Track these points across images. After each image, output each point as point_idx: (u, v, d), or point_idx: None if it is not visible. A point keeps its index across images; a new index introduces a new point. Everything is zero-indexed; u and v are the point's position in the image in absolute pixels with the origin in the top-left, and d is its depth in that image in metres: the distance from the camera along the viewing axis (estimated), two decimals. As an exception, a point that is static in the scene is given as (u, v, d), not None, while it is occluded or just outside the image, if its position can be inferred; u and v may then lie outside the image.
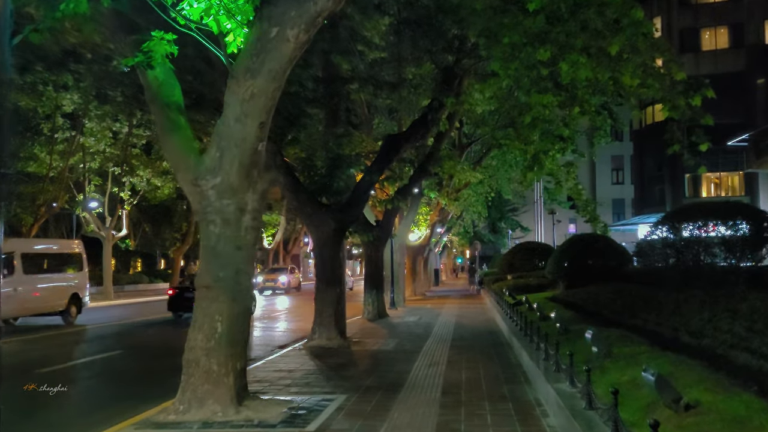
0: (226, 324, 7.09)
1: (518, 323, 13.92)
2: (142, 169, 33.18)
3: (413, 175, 19.98)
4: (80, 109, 28.95)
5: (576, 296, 16.45)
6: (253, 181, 7.06)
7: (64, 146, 29.74)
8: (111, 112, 28.93)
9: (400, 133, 15.13)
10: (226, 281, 7.10)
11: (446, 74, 13.91)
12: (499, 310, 20.14)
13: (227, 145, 6.86)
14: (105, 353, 13.10)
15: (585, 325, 11.66)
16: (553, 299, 18.60)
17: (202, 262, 7.30)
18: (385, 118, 23.07)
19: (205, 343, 7.05)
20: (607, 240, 21.96)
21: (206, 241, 7.18)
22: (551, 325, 12.36)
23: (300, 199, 13.44)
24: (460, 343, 13.56)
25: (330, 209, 13.59)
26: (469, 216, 41.69)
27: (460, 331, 16.02)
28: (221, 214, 7.03)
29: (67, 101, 28.08)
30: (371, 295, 20.14)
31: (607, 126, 31.87)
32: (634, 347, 8.45)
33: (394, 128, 21.82)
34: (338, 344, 13.25)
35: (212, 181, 6.97)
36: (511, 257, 32.85)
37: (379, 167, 14.02)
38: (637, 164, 54.49)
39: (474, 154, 34.00)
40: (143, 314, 23.14)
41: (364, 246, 20.78)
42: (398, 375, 9.57)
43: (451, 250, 78.13)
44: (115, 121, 30.95)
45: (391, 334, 15.45)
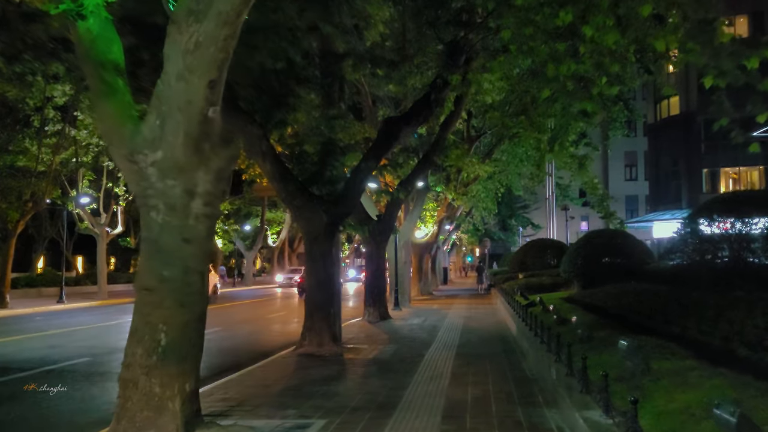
0: (171, 335, 5.67)
1: (532, 327, 12.45)
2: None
3: (417, 165, 18.52)
4: (72, 101, 27.71)
5: (595, 297, 14.93)
6: (204, 156, 5.63)
7: (57, 139, 28.48)
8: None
9: (399, 116, 13.66)
10: (172, 282, 5.68)
11: (451, 49, 12.43)
12: (511, 311, 18.65)
13: (169, 111, 5.43)
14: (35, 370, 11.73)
15: (611, 331, 10.18)
16: (569, 300, 17.09)
17: (142, 258, 5.88)
18: (391, 111, 21.64)
19: (145, 359, 5.64)
20: (627, 236, 20.41)
21: (147, 232, 5.76)
22: (571, 331, 10.88)
23: (288, 190, 12.03)
24: (467, 350, 12.10)
25: (322, 201, 12.18)
26: (479, 213, 40.16)
27: (468, 335, 14.56)
28: (165, 197, 5.61)
29: (58, 92, 26.88)
30: (372, 295, 18.71)
31: (622, 117, 30.35)
32: (678, 362, 6.97)
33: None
34: (330, 351, 11.84)
35: (152, 156, 5.55)
36: (522, 255, 31.34)
37: (376, 154, 12.57)
38: (651, 159, 52.80)
39: (483, 147, 32.52)
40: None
41: (365, 243, 19.35)
42: (392, 392, 8.12)
43: (461, 248, 76.63)
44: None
45: (392, 339, 14.01)
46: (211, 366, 11.10)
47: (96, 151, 30.07)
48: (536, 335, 11.40)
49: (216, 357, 12.39)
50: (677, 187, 47.73)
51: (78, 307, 26.47)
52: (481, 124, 30.09)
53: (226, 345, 14.20)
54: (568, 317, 12.97)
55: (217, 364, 11.21)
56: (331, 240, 12.33)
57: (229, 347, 13.85)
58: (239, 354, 12.76)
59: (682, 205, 45.98)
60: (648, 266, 19.06)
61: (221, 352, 13.06)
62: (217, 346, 13.89)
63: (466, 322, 17.79)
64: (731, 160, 44.84)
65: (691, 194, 45.51)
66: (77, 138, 28.90)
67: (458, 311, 22.12)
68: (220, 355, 12.54)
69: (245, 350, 13.31)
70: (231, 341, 14.94)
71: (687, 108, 45.64)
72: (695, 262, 12.79)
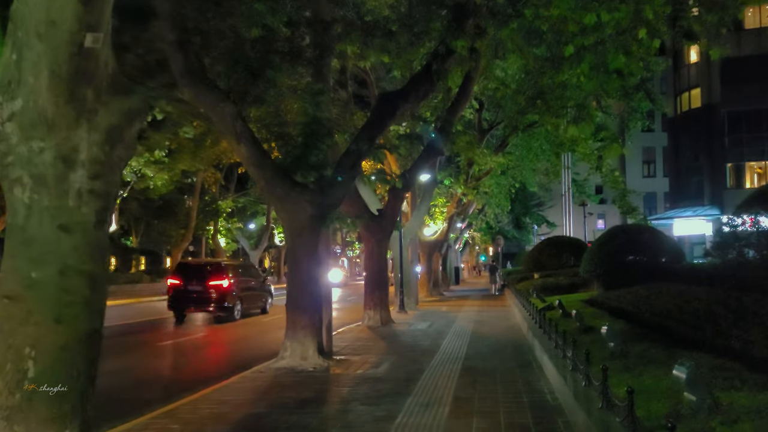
0: (43, 363, 3.98)
1: (551, 336, 10.68)
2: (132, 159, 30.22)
3: (422, 154, 16.75)
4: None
5: (623, 300, 13.10)
6: (84, 108, 3.92)
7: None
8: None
9: (396, 91, 11.88)
10: (44, 288, 3.98)
11: (456, 12, 10.65)
12: (525, 315, 16.85)
13: (26, 37, 3.72)
14: None
15: (649, 344, 8.38)
16: (591, 302, 15.27)
17: (5, 254, 4.15)
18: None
19: (5, 397, 3.95)
20: (655, 232, 18.52)
21: (12, 217, 4.06)
22: (598, 342, 9.10)
23: (267, 177, 10.32)
24: (475, 363, 10.31)
25: (306, 190, 10.45)
26: (492, 210, 38.32)
27: (477, 344, 12.77)
28: (30, 166, 3.91)
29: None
30: (373, 297, 16.97)
31: (644, 107, 28.40)
32: (754, 394, 5.18)
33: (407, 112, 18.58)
34: (314, 365, 10.11)
35: (8, 107, 3.85)
36: (537, 254, 29.52)
37: (369, 135, 10.81)
38: (671, 155, 50.74)
39: (496, 140, 30.70)
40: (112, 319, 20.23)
41: (364, 240, 17.62)
42: (378, 425, 6.37)
43: (473, 247, 74.68)
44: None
45: (390, 349, 12.26)
46: (169, 385, 9.45)
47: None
48: (556, 346, 9.61)
49: (181, 371, 10.72)
50: (699, 182, 45.71)
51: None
52: (493, 117, 28.31)
53: (200, 356, 12.55)
54: (594, 325, 11.17)
55: (180, 382, 9.55)
56: (316, 235, 10.61)
57: (201, 359, 12.18)
58: (211, 367, 11.11)
59: (705, 202, 44.01)
60: (679, 265, 17.20)
61: (188, 365, 11.41)
62: (189, 357, 12.25)
63: (476, 328, 16.00)
64: (757, 154, 42.78)
65: (714, 190, 43.52)
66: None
67: (468, 314, 20.32)
68: (186, 369, 10.89)
69: (221, 362, 11.64)
70: (207, 350, 13.30)
71: (709, 100, 43.59)
72: (739, 262, 10.99)
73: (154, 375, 10.47)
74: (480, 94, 22.90)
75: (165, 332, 15.98)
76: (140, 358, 11.99)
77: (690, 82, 46.66)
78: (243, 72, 10.28)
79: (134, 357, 12.11)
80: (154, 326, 17.62)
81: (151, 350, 13.15)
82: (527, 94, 18.58)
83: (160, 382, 9.76)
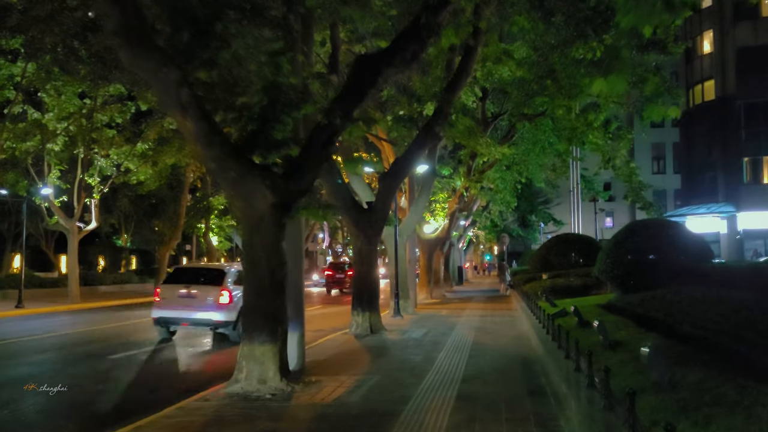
0: None
1: (569, 353, 8.69)
2: (110, 149, 28.24)
3: (416, 138, 14.74)
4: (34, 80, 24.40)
5: (649, 307, 11.02)
6: None
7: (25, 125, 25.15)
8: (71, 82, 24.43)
9: (377, 53, 9.82)
10: None
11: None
12: (534, 322, 14.84)
13: None
14: None
15: (704, 370, 6.34)
16: (609, 308, 13.21)
17: None
18: (397, 92, 17.94)
19: None
20: (679, 227, 16.39)
21: None
22: (631, 363, 7.11)
23: (218, 157, 8.35)
24: (474, 388, 8.30)
25: (267, 173, 8.48)
26: (496, 206, 36.32)
27: (478, 359, 10.75)
28: None
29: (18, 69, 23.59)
30: (361, 301, 14.98)
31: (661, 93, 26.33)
32: None
33: (407, 105, 16.57)
34: (275, 390, 8.13)
35: None
36: (545, 252, 27.42)
37: (345, 106, 8.79)
38: (683, 150, 48.72)
39: (501, 131, 28.74)
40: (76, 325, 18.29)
41: (352, 236, 15.64)
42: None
43: (478, 246, 72.70)
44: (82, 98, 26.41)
45: (374, 365, 10.27)
46: (87, 417, 7.47)
47: (66, 139, 26.70)
48: (577, 369, 7.58)
49: (108, 397, 8.73)
50: (713, 178, 43.68)
51: (37, 312, 23.02)
52: (498, 108, 26.32)
53: (144, 375, 10.55)
54: (621, 338, 9.16)
55: (96, 416, 7.58)
56: (279, 228, 8.62)
57: (143, 379, 10.17)
58: (147, 392, 9.12)
59: (719, 198, 42.09)
60: (709, 265, 15.16)
61: (122, 388, 9.43)
62: (130, 376, 10.25)
63: (477, 337, 13.99)
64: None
65: (728, 186, 41.58)
66: (41, 121, 25.48)
67: (470, 320, 18.30)
68: (112, 396, 8.91)
69: (166, 384, 9.64)
70: (158, 367, 11.32)
71: (723, 92, 41.57)
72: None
73: (73, 401, 8.43)
74: (483, 81, 20.92)
75: (121, 342, 14.00)
76: (71, 377, 10.00)
77: (703, 74, 44.66)
78: (189, 30, 8.32)
79: (66, 374, 10.15)
80: (116, 335, 15.67)
81: (90, 366, 11.13)
82: (536, 73, 16.58)
83: (72, 413, 7.77)
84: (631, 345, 8.76)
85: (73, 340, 14.58)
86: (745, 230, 40.40)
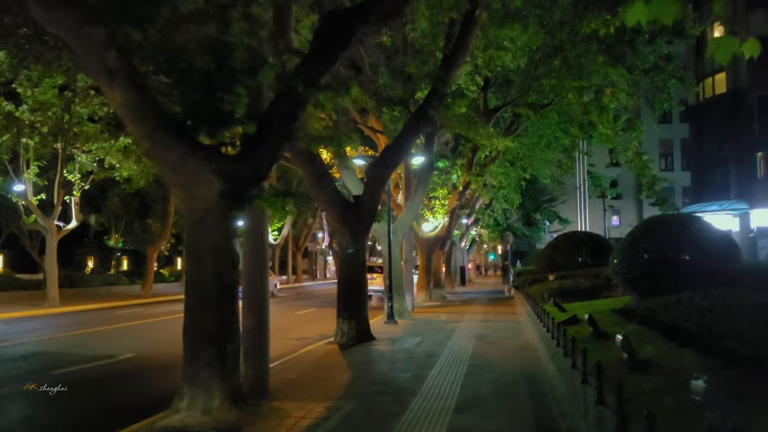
0: None
1: (583, 372, 7.08)
2: (90, 143, 26.65)
3: (408, 123, 13.12)
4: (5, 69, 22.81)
5: (676, 315, 9.41)
6: None
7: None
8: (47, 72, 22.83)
9: (349, 7, 8.16)
10: None
11: None
12: (541, 330, 13.23)
13: None
14: None
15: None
16: (625, 314, 11.62)
17: None
18: (394, 80, 16.35)
19: None
20: (703, 223, 14.71)
21: None
22: (670, 393, 5.50)
23: (153, 134, 6.75)
24: (470, 421, 6.65)
25: (213, 155, 6.88)
26: (499, 204, 34.71)
27: (477, 378, 9.10)
28: None
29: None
30: (347, 307, 13.36)
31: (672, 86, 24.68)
32: None
33: (402, 93, 14.95)
34: (219, 422, 6.53)
35: None
36: (551, 251, 25.81)
37: (311, 72, 7.19)
38: (693, 146, 46.94)
39: (504, 122, 27.16)
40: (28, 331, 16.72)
41: (337, 234, 14.03)
42: None
43: (481, 245, 70.98)
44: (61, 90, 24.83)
45: (351, 388, 8.63)
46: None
47: (44, 131, 25.15)
48: (600, 401, 5.93)
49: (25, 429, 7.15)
50: (724, 174, 41.92)
51: (5, 318, 21.46)
52: (501, 100, 24.68)
53: (85, 395, 8.96)
54: (650, 357, 7.55)
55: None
56: (228, 222, 7.01)
57: (81, 402, 8.58)
58: (81, 419, 7.53)
59: (731, 195, 40.37)
60: (740, 265, 13.52)
61: (50, 415, 7.84)
62: (66, 400, 8.64)
63: (477, 348, 12.33)
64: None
65: (741, 182, 39.83)
66: (14, 113, 23.90)
67: (470, 326, 16.65)
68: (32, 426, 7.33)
69: (106, 408, 8.05)
70: (106, 386, 9.71)
71: (735, 85, 39.83)
72: None
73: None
74: (484, 68, 19.30)
75: (79, 354, 12.42)
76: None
77: (714, 67, 42.93)
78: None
79: None
80: (79, 343, 14.10)
81: (20, 384, 9.54)
82: (543, 52, 14.92)
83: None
84: (663, 364, 7.15)
85: (26, 350, 13.01)
86: (759, 228, 38.71)
